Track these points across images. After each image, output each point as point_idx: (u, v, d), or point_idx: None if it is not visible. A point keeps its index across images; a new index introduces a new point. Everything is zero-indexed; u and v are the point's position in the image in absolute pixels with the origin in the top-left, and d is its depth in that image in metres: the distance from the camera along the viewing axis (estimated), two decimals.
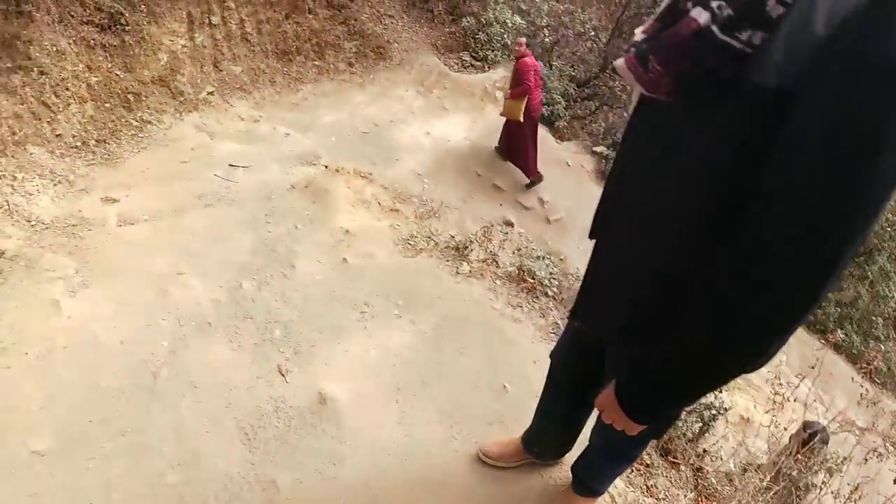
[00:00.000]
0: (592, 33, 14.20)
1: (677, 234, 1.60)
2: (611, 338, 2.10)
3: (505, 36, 12.48)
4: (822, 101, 1.21)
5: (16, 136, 7.48)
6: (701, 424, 4.80)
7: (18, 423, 4.36)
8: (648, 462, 4.37)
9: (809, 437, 4.84)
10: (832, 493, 4.54)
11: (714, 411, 4.83)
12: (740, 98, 1.33)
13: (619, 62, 1.52)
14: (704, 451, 4.68)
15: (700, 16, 1.32)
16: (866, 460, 4.77)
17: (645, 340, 1.71)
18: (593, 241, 2.09)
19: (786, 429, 4.91)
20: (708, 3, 1.31)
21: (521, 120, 9.64)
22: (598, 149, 11.59)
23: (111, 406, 4.59)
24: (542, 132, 11.21)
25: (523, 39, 9.78)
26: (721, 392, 5.01)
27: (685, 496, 4.26)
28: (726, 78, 1.32)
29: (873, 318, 11.86)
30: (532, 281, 5.85)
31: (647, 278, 1.75)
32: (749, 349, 1.45)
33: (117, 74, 8.87)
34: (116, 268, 6.04)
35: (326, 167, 8.09)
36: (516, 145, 10.00)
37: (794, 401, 5.06)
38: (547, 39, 13.66)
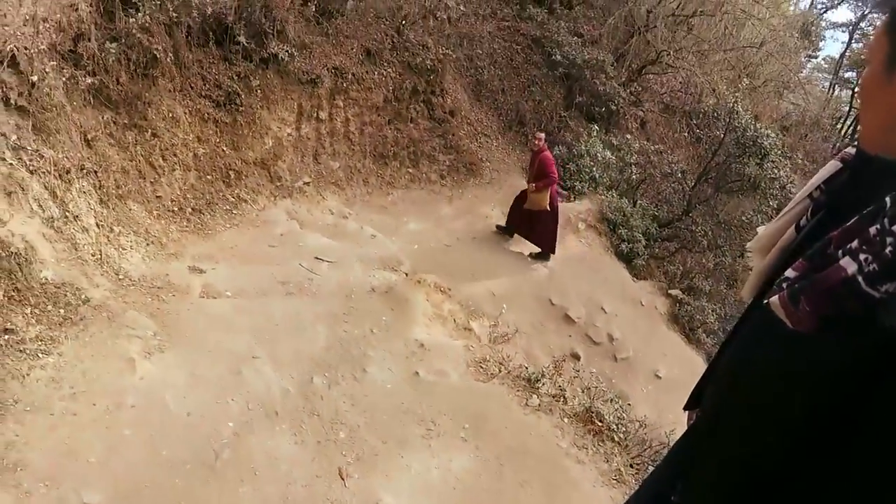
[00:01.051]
0: (679, 175, 14.33)
1: (786, 444, 1.69)
2: None
3: (594, 169, 12.68)
4: None
5: (119, 190, 7.84)
6: None
7: (75, 471, 4.45)
8: None
9: None
10: None
11: None
12: (866, 336, 1.43)
13: (774, 300, 1.63)
14: None
15: (849, 266, 1.44)
16: None
17: None
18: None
19: None
20: (857, 255, 1.43)
21: (549, 209, 10.05)
22: (674, 292, 11.53)
23: (169, 475, 4.66)
24: (619, 268, 11.27)
25: (542, 135, 10.22)
26: None
27: None
28: (857, 319, 1.43)
29: None
30: (600, 424, 5.81)
31: (753, 480, 1.82)
32: None
33: (223, 150, 9.31)
34: (194, 338, 6.20)
35: (407, 275, 8.23)
36: (543, 230, 10.32)
37: None
38: (634, 177, 13.84)
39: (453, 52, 11.98)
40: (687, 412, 2.48)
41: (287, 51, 9.60)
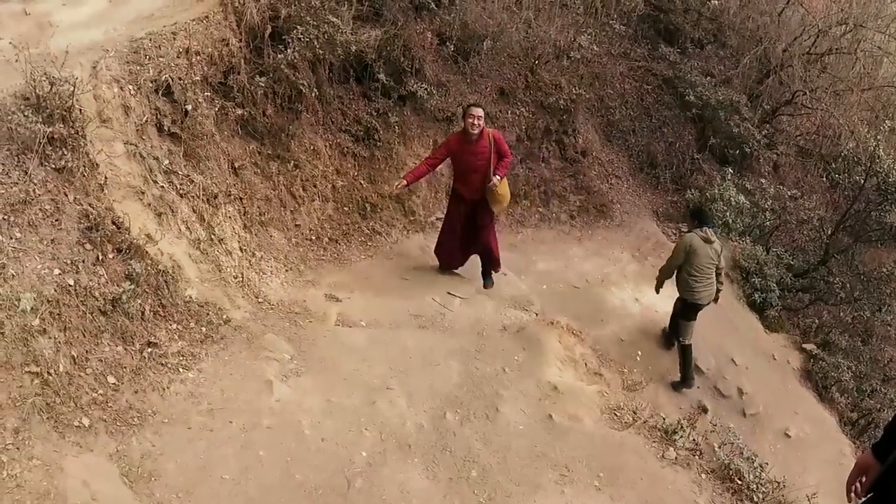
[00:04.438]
0: (816, 222, 13.69)
1: None
2: None
3: (727, 214, 12.24)
4: None
5: (262, 217, 8.22)
6: None
7: (208, 487, 4.60)
8: None
9: None
10: None
11: None
12: None
13: None
14: None
15: None
16: None
17: None
18: None
19: None
20: None
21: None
22: (808, 346, 10.98)
23: (301, 499, 4.77)
24: (752, 319, 10.87)
25: (481, 112, 7.85)
26: None
27: None
28: None
29: None
30: (739, 482, 5.61)
31: None
32: None
33: (360, 183, 9.61)
34: (330, 365, 6.35)
35: (537, 315, 8.20)
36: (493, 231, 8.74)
37: None
38: (768, 223, 13.33)
39: (585, 93, 11.91)
40: None
41: (425, 89, 9.83)
